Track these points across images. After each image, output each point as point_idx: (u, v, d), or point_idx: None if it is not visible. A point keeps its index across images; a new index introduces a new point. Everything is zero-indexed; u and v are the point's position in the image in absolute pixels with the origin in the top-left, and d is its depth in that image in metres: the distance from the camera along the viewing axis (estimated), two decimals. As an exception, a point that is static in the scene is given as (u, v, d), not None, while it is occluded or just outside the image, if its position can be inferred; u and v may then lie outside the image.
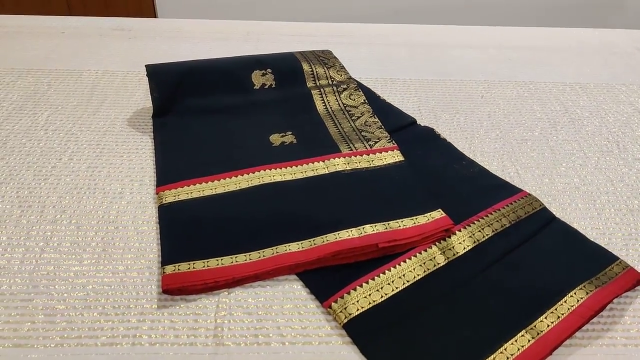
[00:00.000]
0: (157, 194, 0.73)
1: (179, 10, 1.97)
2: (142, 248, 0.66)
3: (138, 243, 0.67)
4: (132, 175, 0.77)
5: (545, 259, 0.66)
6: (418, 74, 1.05)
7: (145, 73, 0.87)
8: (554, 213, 0.73)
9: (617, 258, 0.66)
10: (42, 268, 0.63)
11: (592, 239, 0.69)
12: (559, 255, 0.67)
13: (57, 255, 0.65)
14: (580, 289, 0.61)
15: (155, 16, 1.97)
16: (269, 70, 0.92)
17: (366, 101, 0.90)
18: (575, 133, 0.90)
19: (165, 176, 0.75)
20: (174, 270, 0.62)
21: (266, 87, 0.92)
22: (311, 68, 0.95)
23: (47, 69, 1.00)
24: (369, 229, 0.66)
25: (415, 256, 0.65)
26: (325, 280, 0.63)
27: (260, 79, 0.92)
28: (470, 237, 0.68)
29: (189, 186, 0.73)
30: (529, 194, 0.74)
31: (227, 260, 0.63)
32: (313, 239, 0.65)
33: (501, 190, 0.76)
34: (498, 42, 1.18)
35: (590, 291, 0.61)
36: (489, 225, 0.69)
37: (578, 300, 0.60)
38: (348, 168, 0.76)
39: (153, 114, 0.86)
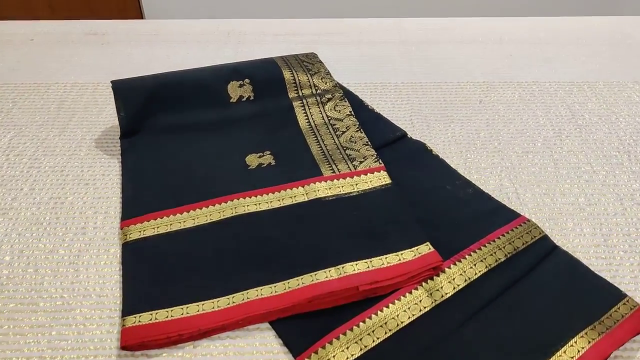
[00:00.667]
0: (121, 229, 0.67)
1: (167, 8, 1.88)
2: (104, 294, 0.61)
3: (99, 288, 0.62)
4: (96, 207, 0.71)
5: (544, 299, 0.59)
6: (411, 76, 0.97)
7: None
8: (556, 240, 0.66)
9: (625, 295, 0.59)
10: (-6, 321, 0.58)
11: (597, 271, 0.62)
12: (559, 294, 0.60)
13: (12, 304, 0.60)
14: (582, 336, 0.55)
15: (142, 16, 1.88)
16: (246, 80, 0.85)
17: (352, 113, 0.83)
18: (582, 143, 0.82)
19: (131, 208, 0.70)
20: (134, 322, 0.56)
21: (244, 99, 0.85)
22: (293, 76, 0.87)
23: (13, 82, 0.94)
24: (349, 268, 0.60)
25: (399, 300, 0.59)
26: (300, 329, 0.57)
27: (237, 90, 0.85)
28: (461, 274, 0.61)
29: (155, 220, 0.68)
30: (528, 220, 0.68)
31: (193, 309, 0.58)
32: (287, 281, 0.60)
33: (498, 215, 0.69)
34: (499, 36, 1.10)
35: (593, 339, 0.55)
36: (481, 260, 0.63)
37: (579, 351, 0.54)
38: (329, 194, 0.70)
39: (120, 135, 0.80)
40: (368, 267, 0.61)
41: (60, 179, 0.75)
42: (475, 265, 0.62)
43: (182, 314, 0.57)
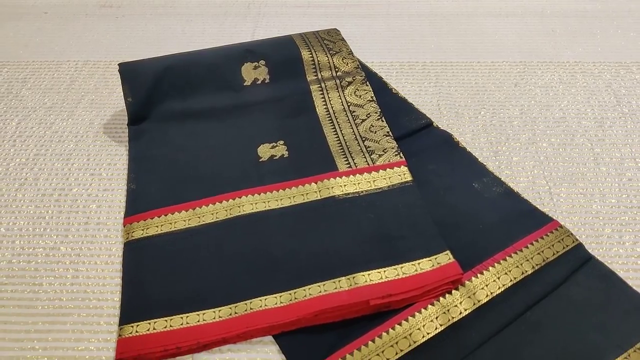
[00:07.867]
0: (124, 226, 0.64)
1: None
2: (103, 298, 0.59)
3: (99, 291, 0.59)
4: (100, 200, 0.68)
5: (574, 318, 0.54)
6: (441, 54, 0.90)
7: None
8: (591, 249, 0.60)
9: (668, 317, 0.53)
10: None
11: (637, 287, 0.56)
12: (593, 313, 0.54)
13: (10, 306, 0.58)
14: (614, 366, 0.50)
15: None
16: (262, 62, 0.80)
17: (374, 98, 0.76)
18: (627, 134, 0.74)
19: (135, 203, 0.66)
20: (131, 332, 0.54)
21: (259, 82, 0.80)
22: (312, 56, 0.81)
23: (25, 60, 0.90)
24: (360, 278, 0.56)
25: (413, 316, 0.54)
26: (305, 346, 0.54)
27: (251, 73, 0.79)
28: (482, 289, 0.56)
29: (159, 217, 0.64)
30: (561, 226, 0.61)
31: (193, 319, 0.55)
32: (294, 290, 0.56)
33: (527, 219, 0.63)
34: (540, 8, 1.00)
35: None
36: (506, 273, 0.57)
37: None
38: (344, 192, 0.65)
39: (128, 122, 0.76)
40: (381, 277, 0.56)
41: (65, 167, 0.72)
42: (499, 278, 0.57)
43: (182, 324, 0.54)
